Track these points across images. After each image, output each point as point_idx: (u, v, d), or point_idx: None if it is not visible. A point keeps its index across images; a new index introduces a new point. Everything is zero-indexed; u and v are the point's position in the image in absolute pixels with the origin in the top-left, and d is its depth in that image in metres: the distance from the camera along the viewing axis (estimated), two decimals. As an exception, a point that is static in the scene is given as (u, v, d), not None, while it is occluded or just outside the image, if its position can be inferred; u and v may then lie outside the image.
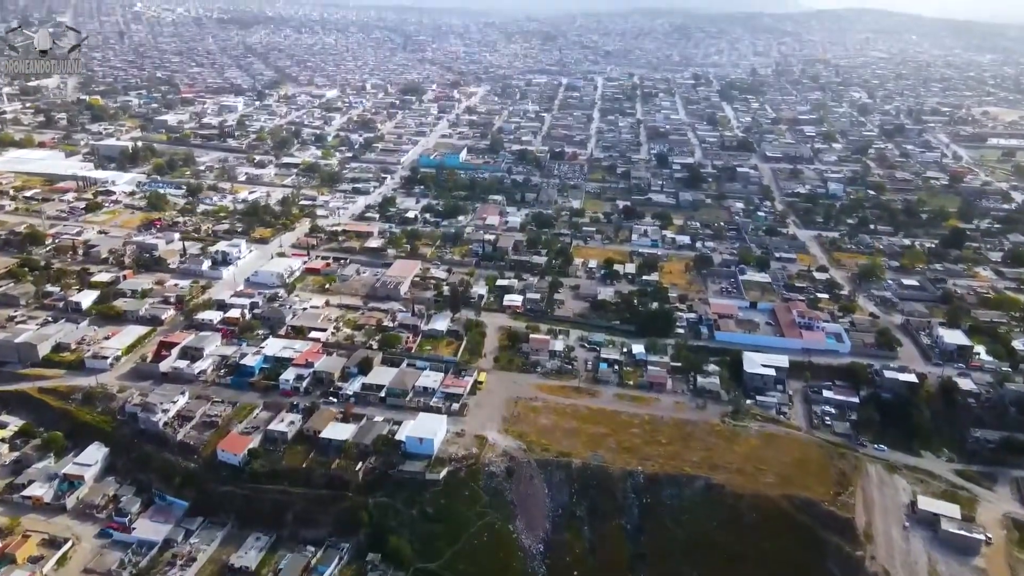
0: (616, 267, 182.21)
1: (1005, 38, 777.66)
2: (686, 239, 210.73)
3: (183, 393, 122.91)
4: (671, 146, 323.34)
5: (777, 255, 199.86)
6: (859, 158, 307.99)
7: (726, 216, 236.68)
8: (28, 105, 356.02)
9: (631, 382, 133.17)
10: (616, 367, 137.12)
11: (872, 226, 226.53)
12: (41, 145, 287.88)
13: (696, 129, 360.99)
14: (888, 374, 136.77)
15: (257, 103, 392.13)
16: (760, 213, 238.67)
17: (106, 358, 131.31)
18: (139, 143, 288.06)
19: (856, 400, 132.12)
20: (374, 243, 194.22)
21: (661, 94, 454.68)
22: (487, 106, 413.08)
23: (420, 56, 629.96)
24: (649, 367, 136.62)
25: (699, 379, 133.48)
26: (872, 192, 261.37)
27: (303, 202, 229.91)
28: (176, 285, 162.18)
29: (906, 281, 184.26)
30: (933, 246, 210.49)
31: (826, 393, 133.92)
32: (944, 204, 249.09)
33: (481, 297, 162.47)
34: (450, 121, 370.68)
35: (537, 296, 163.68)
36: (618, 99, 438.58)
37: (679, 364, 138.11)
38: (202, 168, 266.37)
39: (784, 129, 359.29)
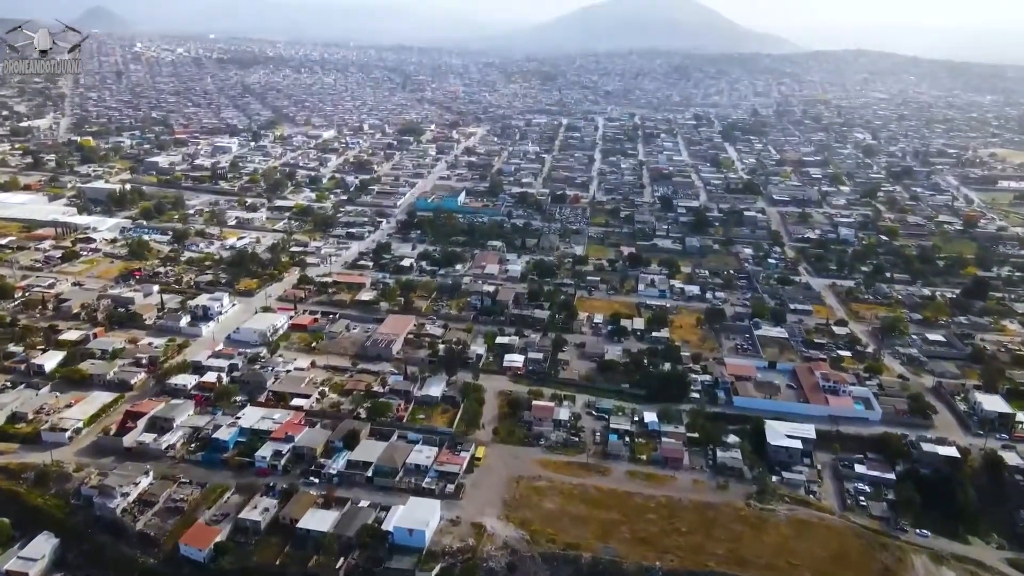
0: (623, 322, 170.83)
1: (1004, 79, 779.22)
2: (695, 289, 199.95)
3: (147, 473, 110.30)
4: (675, 188, 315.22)
5: (792, 307, 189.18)
6: (868, 201, 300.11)
7: (735, 263, 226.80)
8: (17, 146, 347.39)
9: (644, 456, 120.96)
10: (627, 439, 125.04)
11: (888, 274, 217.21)
12: (26, 188, 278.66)
13: (700, 171, 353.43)
14: (926, 447, 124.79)
15: (252, 144, 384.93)
16: (771, 260, 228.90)
17: (65, 431, 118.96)
18: (127, 186, 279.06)
19: (892, 476, 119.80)
20: (366, 296, 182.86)
21: (663, 134, 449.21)
22: (486, 147, 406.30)
23: (419, 96, 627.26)
24: (663, 439, 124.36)
25: (719, 453, 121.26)
26: (884, 237, 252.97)
27: (294, 248, 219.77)
28: (150, 344, 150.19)
29: (931, 336, 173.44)
30: (954, 296, 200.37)
31: (858, 468, 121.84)
32: (960, 250, 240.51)
33: (479, 357, 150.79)
34: (448, 162, 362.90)
35: (540, 356, 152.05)
36: (619, 139, 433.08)
37: (696, 435, 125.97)
38: (191, 212, 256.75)
39: (789, 171, 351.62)
